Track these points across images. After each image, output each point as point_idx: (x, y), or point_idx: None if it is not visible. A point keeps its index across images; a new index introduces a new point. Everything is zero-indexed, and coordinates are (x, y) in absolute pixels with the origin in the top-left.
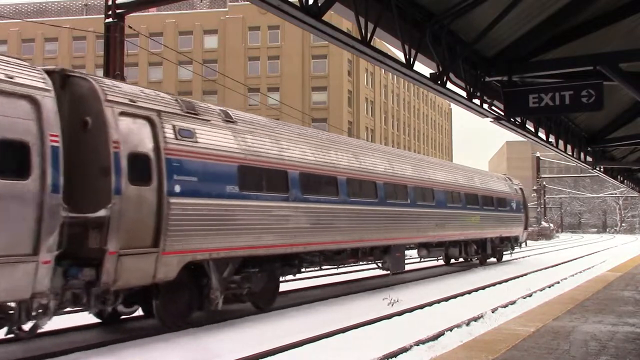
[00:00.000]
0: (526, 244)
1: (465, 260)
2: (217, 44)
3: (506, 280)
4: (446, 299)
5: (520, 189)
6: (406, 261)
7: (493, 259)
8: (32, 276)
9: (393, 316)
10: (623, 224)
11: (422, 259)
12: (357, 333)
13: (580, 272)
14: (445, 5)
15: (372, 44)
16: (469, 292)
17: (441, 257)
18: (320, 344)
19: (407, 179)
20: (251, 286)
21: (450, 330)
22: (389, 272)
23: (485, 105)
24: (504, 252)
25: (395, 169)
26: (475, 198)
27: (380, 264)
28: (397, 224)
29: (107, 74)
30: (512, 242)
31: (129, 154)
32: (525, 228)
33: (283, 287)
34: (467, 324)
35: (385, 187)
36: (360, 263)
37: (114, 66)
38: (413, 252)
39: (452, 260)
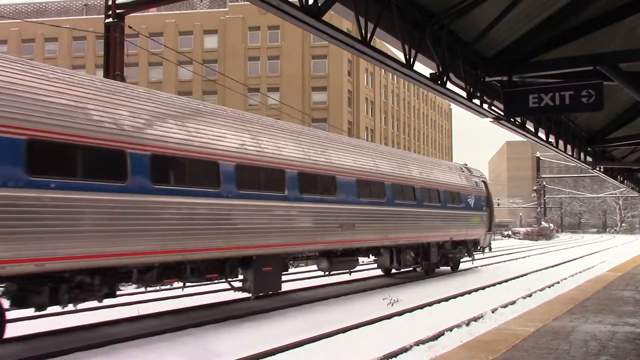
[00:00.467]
0: (490, 249)
1: (414, 270)
2: (217, 44)
3: (506, 280)
4: (446, 299)
5: (483, 182)
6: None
7: (446, 268)
8: None
9: (393, 316)
10: (623, 224)
11: (327, 273)
12: (357, 333)
13: (580, 272)
14: (445, 5)
15: (372, 44)
16: (469, 292)
17: (348, 271)
18: (320, 344)
19: (286, 162)
20: None
21: (450, 330)
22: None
23: (485, 105)
24: (466, 258)
25: (263, 147)
26: (411, 191)
27: (241, 284)
28: (263, 226)
29: (107, 74)
30: (469, 248)
31: None
32: (489, 230)
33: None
34: (467, 324)
35: (240, 171)
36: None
37: (114, 66)
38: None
39: (393, 270)
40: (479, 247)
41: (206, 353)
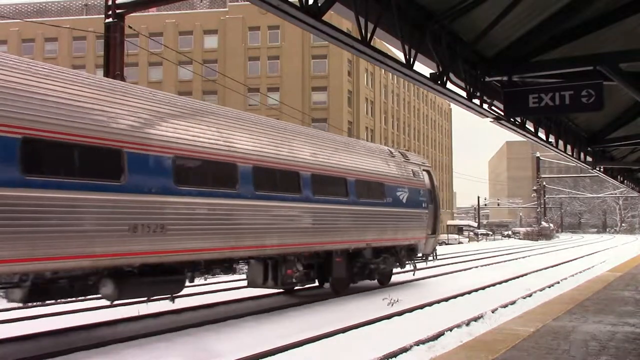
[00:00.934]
0: (435, 257)
1: (321, 286)
2: (217, 44)
3: (506, 280)
4: (446, 299)
5: (426, 171)
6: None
7: (371, 281)
8: None
9: (393, 316)
10: (623, 224)
11: (120, 302)
12: (357, 333)
13: (580, 272)
14: (445, 5)
15: (372, 44)
16: (469, 292)
17: (170, 296)
18: (320, 344)
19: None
20: None
21: (450, 330)
22: None
23: (485, 105)
24: (407, 267)
25: None
26: (293, 179)
27: None
28: None
29: (107, 74)
30: (400, 256)
31: None
32: (433, 232)
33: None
34: (467, 324)
35: None
36: None
37: (114, 66)
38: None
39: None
40: (419, 255)
41: (206, 353)
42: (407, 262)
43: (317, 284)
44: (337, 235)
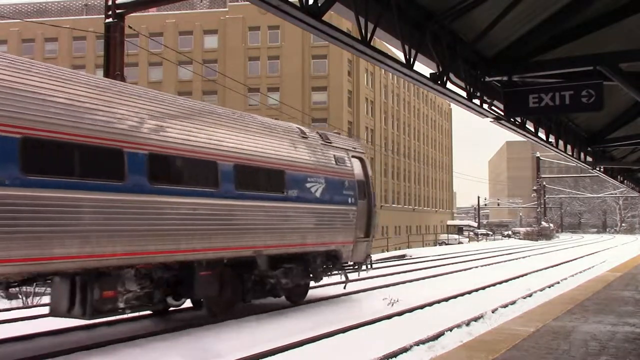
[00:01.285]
0: (370, 266)
1: (197, 308)
2: (217, 44)
3: (506, 280)
4: (446, 299)
5: (357, 158)
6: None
7: (273, 298)
8: None
9: (393, 316)
10: (623, 224)
11: None
12: (357, 333)
13: (581, 272)
14: (445, 5)
15: (372, 44)
16: (469, 292)
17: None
18: (320, 344)
19: None
20: None
21: (450, 330)
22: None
23: (485, 105)
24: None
25: None
26: (111, 160)
27: None
28: None
29: (107, 74)
30: (314, 265)
31: None
32: (366, 235)
33: None
34: (467, 324)
35: None
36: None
37: (114, 66)
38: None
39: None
40: (349, 264)
41: (206, 353)
42: (332, 272)
43: (171, 306)
44: (198, 239)
